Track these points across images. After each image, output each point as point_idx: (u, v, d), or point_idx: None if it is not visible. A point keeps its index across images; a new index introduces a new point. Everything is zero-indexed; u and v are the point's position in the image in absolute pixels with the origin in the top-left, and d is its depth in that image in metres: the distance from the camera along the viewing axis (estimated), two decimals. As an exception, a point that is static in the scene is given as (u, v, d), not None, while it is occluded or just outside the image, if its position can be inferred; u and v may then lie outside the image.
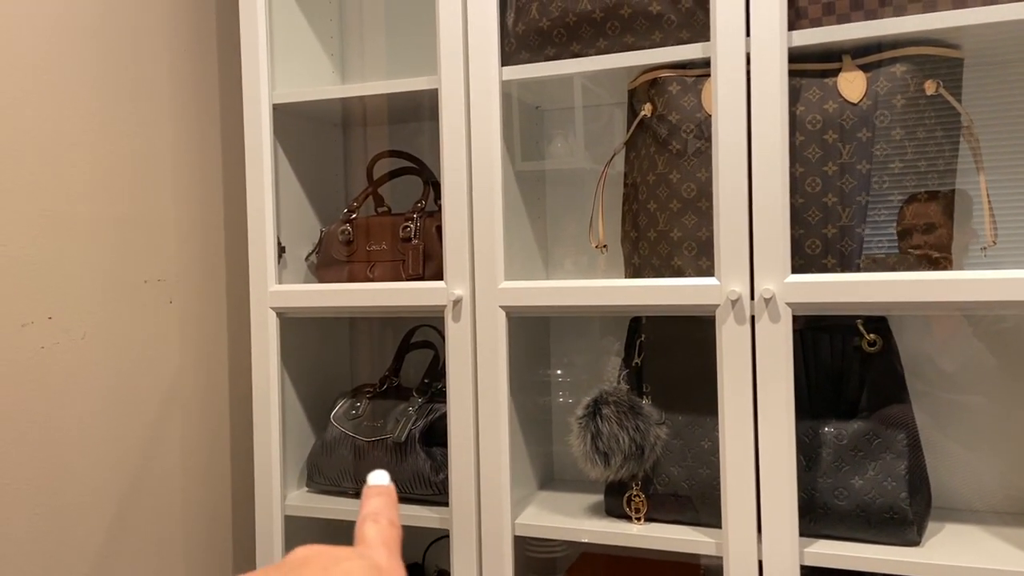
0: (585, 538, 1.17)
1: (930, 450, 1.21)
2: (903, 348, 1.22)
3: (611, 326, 1.42)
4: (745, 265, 1.05)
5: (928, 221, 1.09)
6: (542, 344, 1.43)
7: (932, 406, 1.22)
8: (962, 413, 1.20)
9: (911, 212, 1.07)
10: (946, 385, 1.21)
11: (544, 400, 1.42)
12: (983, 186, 1.05)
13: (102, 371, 1.24)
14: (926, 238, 1.10)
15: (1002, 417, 1.19)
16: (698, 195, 1.11)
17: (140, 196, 1.32)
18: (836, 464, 1.08)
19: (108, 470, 1.25)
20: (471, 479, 1.20)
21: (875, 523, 1.04)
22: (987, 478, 1.19)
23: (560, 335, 1.45)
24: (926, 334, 1.22)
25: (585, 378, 1.43)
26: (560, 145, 1.44)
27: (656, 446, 1.17)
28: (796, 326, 1.09)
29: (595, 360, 1.43)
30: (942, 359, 1.22)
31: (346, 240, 1.37)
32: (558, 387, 1.45)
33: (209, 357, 1.44)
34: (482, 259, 1.20)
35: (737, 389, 1.06)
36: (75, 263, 1.20)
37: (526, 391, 1.32)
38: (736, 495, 1.06)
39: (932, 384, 1.22)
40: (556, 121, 1.44)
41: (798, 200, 1.06)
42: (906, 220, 1.08)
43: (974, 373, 1.20)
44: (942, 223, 1.09)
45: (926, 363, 1.22)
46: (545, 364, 1.44)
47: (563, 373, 1.45)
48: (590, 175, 1.42)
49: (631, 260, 1.22)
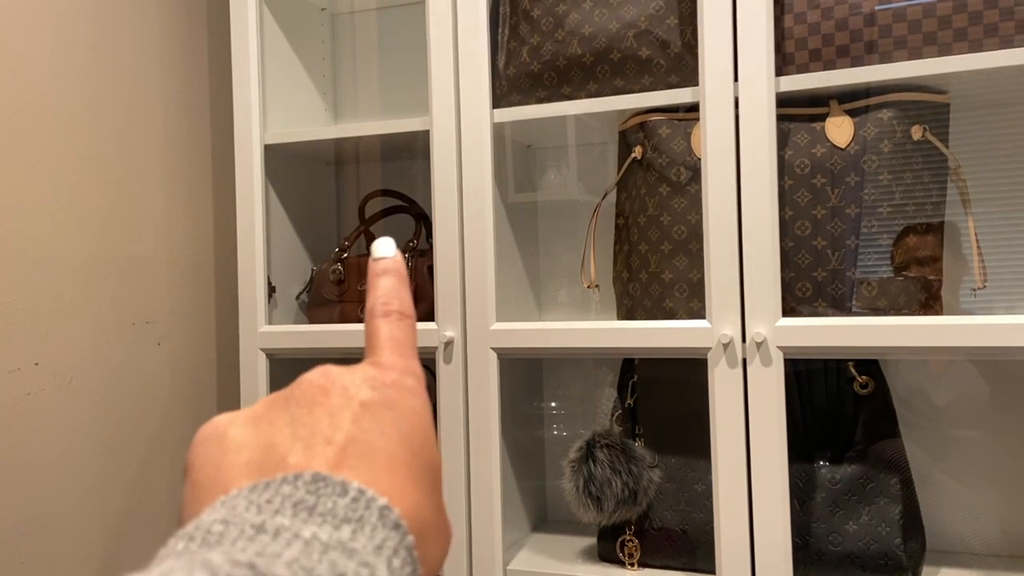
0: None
1: (926, 489, 1.20)
2: (897, 386, 1.22)
3: (605, 359, 1.42)
4: (736, 307, 1.05)
5: (925, 254, 1.09)
6: (535, 378, 1.42)
7: (927, 444, 1.21)
8: (958, 451, 1.20)
9: (907, 245, 1.08)
10: (942, 423, 1.21)
11: (537, 434, 1.41)
12: (972, 229, 1.06)
13: (90, 415, 1.23)
14: (923, 270, 1.10)
15: (999, 455, 1.18)
16: (689, 237, 1.11)
17: (129, 238, 1.31)
18: (830, 508, 1.07)
19: (95, 516, 1.24)
20: (462, 523, 1.19)
21: (869, 569, 1.03)
22: (984, 518, 1.19)
23: (553, 368, 1.44)
24: (921, 371, 1.22)
25: (579, 410, 1.42)
26: (553, 178, 1.45)
27: (649, 490, 1.16)
28: (791, 367, 1.09)
29: (588, 393, 1.42)
30: (937, 397, 1.21)
31: (337, 280, 1.37)
32: (551, 420, 1.44)
33: (198, 399, 1.43)
34: (473, 301, 1.19)
35: (730, 432, 1.05)
36: (62, 307, 1.20)
37: (519, 426, 1.31)
38: (730, 539, 1.05)
39: (927, 422, 1.21)
40: (548, 158, 1.44)
41: (788, 243, 1.06)
42: (902, 253, 1.08)
43: (970, 411, 1.20)
44: (938, 255, 1.09)
45: (921, 401, 1.22)
46: (538, 398, 1.43)
47: (557, 406, 1.44)
48: (583, 208, 1.42)
49: (623, 301, 1.22)
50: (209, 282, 1.47)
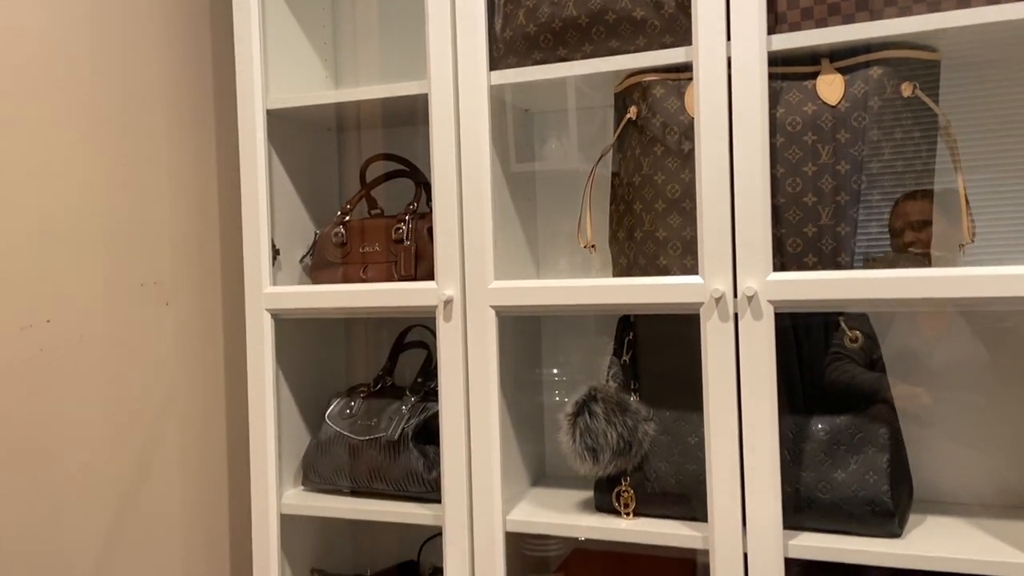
0: (575, 533, 1.19)
1: (915, 445, 1.23)
2: (888, 344, 1.24)
3: (604, 324, 1.44)
4: (728, 264, 1.08)
5: (921, 219, 1.11)
6: (534, 343, 1.45)
7: (919, 404, 1.24)
8: (947, 407, 1.23)
9: (902, 211, 1.10)
10: (931, 380, 1.23)
11: (536, 399, 1.44)
12: (960, 185, 1.07)
13: (101, 373, 1.27)
14: (919, 235, 1.12)
15: (987, 411, 1.21)
16: (682, 196, 1.14)
17: (135, 200, 1.34)
18: (819, 458, 1.10)
19: (107, 468, 1.28)
20: (463, 476, 1.22)
21: (857, 516, 1.06)
22: (973, 471, 1.21)
23: (552, 334, 1.47)
24: (911, 329, 1.24)
25: (578, 377, 1.45)
26: (552, 147, 1.47)
27: (644, 442, 1.19)
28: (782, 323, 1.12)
29: (587, 359, 1.45)
30: (926, 355, 1.24)
31: (340, 242, 1.40)
32: (550, 386, 1.47)
33: (205, 359, 1.47)
34: (472, 259, 1.22)
35: (721, 385, 1.08)
36: (72, 266, 1.23)
37: (518, 390, 1.34)
38: (722, 489, 1.08)
39: (917, 379, 1.24)
40: (547, 124, 1.46)
41: (779, 200, 1.08)
42: (898, 219, 1.10)
43: (958, 368, 1.22)
44: (931, 220, 1.11)
45: (910, 359, 1.24)
46: (537, 363, 1.46)
47: (555, 372, 1.47)
48: (581, 176, 1.44)
49: (619, 260, 1.24)
50: (214, 245, 1.50)
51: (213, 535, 1.47)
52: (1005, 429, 1.20)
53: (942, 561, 1.01)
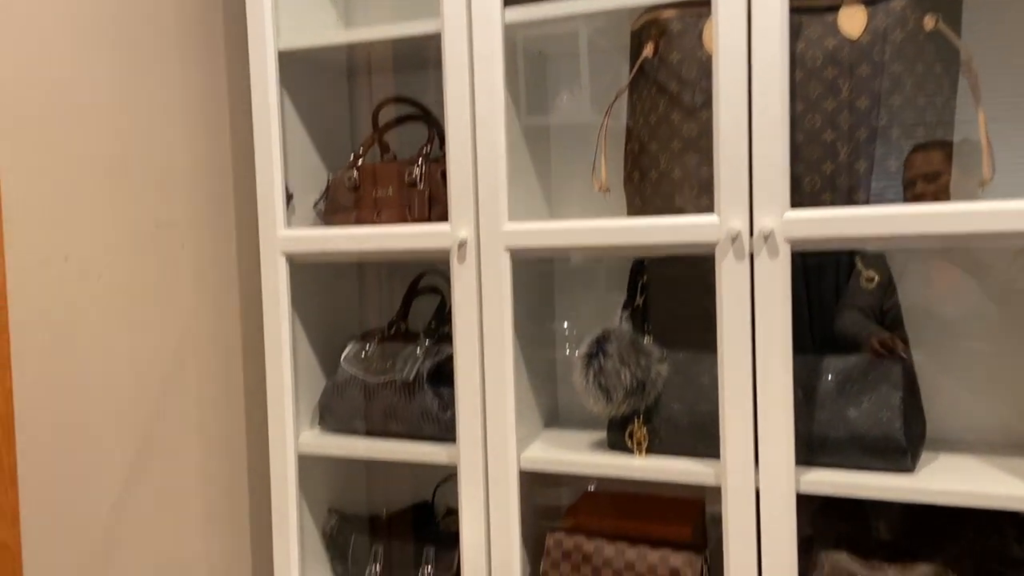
0: (588, 471, 1.21)
1: (927, 389, 1.23)
2: (902, 292, 1.24)
3: (615, 278, 1.44)
4: (745, 202, 1.07)
5: (933, 170, 1.10)
6: (547, 297, 1.45)
7: (930, 348, 1.24)
8: (959, 354, 1.23)
9: (914, 162, 1.09)
10: (943, 327, 1.23)
11: (548, 349, 1.45)
12: (981, 121, 1.06)
13: (119, 312, 1.28)
14: (929, 187, 1.12)
15: (998, 357, 1.21)
16: (699, 134, 1.13)
17: (149, 141, 1.34)
18: (832, 396, 1.10)
19: (126, 408, 1.30)
20: (477, 415, 1.24)
21: (870, 452, 1.07)
22: (983, 415, 1.22)
23: (565, 288, 1.47)
24: (924, 278, 1.24)
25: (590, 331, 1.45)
26: (565, 98, 1.45)
27: (657, 382, 1.20)
28: (798, 262, 1.11)
29: (599, 313, 1.45)
30: (940, 302, 1.23)
31: (353, 186, 1.39)
32: (563, 338, 1.48)
33: (221, 302, 1.48)
34: (486, 201, 1.22)
35: (736, 325, 1.08)
36: (88, 205, 1.23)
37: (531, 342, 1.35)
38: (734, 426, 1.09)
39: (930, 326, 1.24)
40: (561, 70, 1.44)
41: (798, 137, 1.07)
42: (910, 170, 1.10)
43: (971, 315, 1.22)
44: (945, 170, 1.10)
45: (924, 306, 1.24)
46: (550, 317, 1.47)
47: (568, 326, 1.48)
48: (594, 128, 1.43)
49: (633, 202, 1.24)
50: (228, 187, 1.50)
51: (231, 475, 1.50)
52: (1013, 375, 1.20)
53: (954, 495, 1.02)
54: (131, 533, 1.30)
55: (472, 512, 1.25)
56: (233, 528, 1.50)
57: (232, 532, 1.49)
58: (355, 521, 1.48)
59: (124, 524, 1.29)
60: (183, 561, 1.40)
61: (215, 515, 1.46)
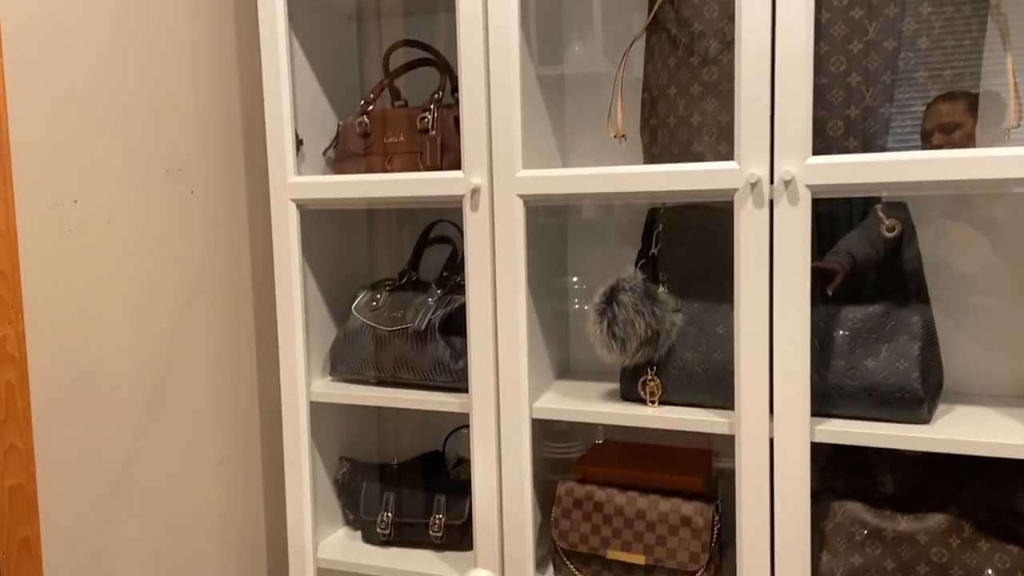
0: (601, 420, 1.21)
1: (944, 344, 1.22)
2: (924, 234, 1.22)
3: (627, 231, 1.42)
4: (765, 148, 1.05)
5: (951, 120, 1.08)
6: (559, 250, 1.44)
7: (946, 301, 1.22)
8: (975, 308, 1.21)
9: (933, 113, 1.06)
10: (961, 283, 1.22)
11: (560, 304, 1.44)
12: (1010, 66, 1.03)
13: (129, 257, 1.27)
14: (948, 138, 1.09)
15: (1014, 311, 1.19)
16: (719, 78, 1.10)
17: (157, 85, 1.32)
18: (850, 346, 1.09)
19: (138, 353, 1.29)
20: (490, 364, 1.23)
21: (886, 402, 1.06)
22: (998, 369, 1.21)
23: (577, 241, 1.46)
24: (941, 231, 1.22)
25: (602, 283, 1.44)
26: (578, 49, 1.42)
27: (671, 332, 1.19)
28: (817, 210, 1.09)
29: (611, 266, 1.44)
30: (957, 258, 1.21)
31: (363, 132, 1.37)
32: (575, 292, 1.47)
33: (231, 249, 1.47)
34: (500, 148, 1.20)
35: (754, 274, 1.07)
36: (97, 148, 1.21)
37: (543, 295, 1.33)
38: (750, 376, 1.08)
39: (946, 279, 1.22)
40: (574, 18, 1.41)
41: (821, 80, 1.05)
42: (929, 121, 1.07)
43: (989, 272, 1.20)
44: (964, 121, 1.08)
45: (941, 262, 1.22)
46: (562, 270, 1.45)
47: (579, 280, 1.46)
48: (608, 77, 1.40)
49: (650, 149, 1.21)
50: (237, 134, 1.47)
51: (243, 422, 1.50)
52: None
53: (970, 445, 1.01)
54: (144, 478, 1.31)
55: (484, 461, 1.25)
56: (246, 475, 1.51)
57: (244, 479, 1.50)
58: (366, 469, 1.49)
59: (137, 469, 1.30)
60: (196, 506, 1.41)
61: (227, 462, 1.47)
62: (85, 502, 1.21)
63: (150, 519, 1.32)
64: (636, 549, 1.21)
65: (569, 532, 1.26)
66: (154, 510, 1.33)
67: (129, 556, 1.28)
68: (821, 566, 1.10)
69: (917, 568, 1.05)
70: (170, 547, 1.36)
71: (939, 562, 1.04)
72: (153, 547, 1.33)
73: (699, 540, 1.18)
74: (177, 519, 1.37)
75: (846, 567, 1.08)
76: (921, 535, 1.05)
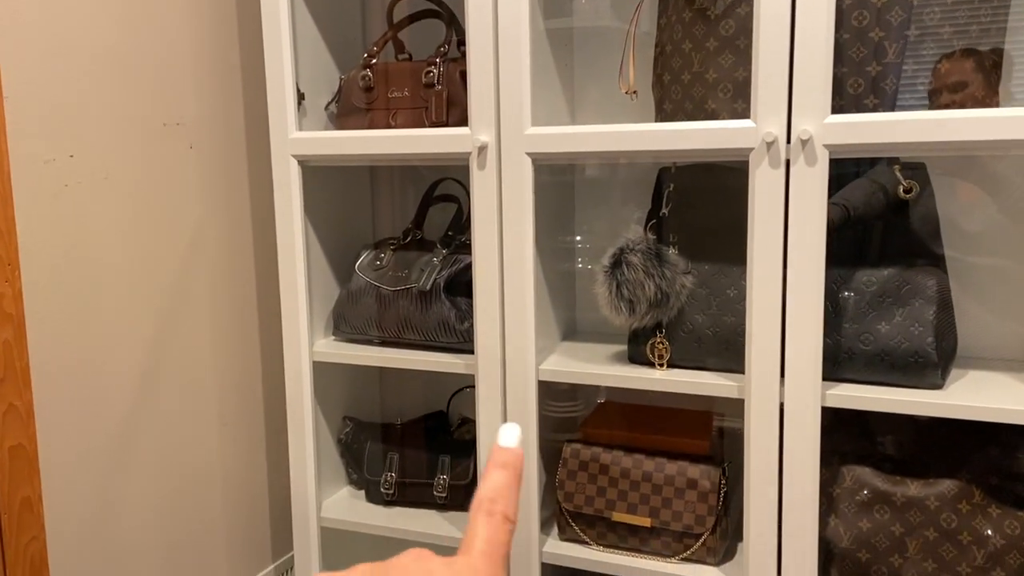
0: (609, 383, 1.19)
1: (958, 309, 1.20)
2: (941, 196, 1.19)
3: (636, 192, 1.40)
4: (783, 106, 1.02)
5: (959, 79, 1.04)
6: (567, 210, 1.41)
7: (958, 265, 1.20)
8: (988, 272, 1.19)
9: (940, 72, 1.03)
10: (973, 245, 1.19)
11: (567, 265, 1.42)
12: (1040, 22, 0.99)
13: (127, 213, 1.24)
14: (954, 97, 1.06)
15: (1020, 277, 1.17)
16: (736, 32, 1.06)
17: (153, 35, 1.27)
18: (863, 310, 1.08)
19: (137, 312, 1.27)
20: (496, 325, 1.21)
21: (899, 367, 1.05)
22: (1010, 334, 1.19)
23: (584, 201, 1.43)
24: (952, 196, 1.19)
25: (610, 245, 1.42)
26: (587, 1, 1.37)
27: (681, 294, 1.17)
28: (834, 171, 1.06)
29: (619, 227, 1.41)
30: (969, 220, 1.19)
31: (366, 87, 1.33)
32: (582, 253, 1.44)
33: (232, 205, 1.44)
34: (508, 104, 1.16)
35: (768, 235, 1.04)
36: (93, 101, 1.18)
37: (550, 255, 1.31)
38: (761, 339, 1.06)
39: (959, 245, 1.20)
40: (585, -39, 1.36)
41: (843, 36, 1.01)
42: (936, 80, 1.04)
43: (1000, 234, 1.18)
44: (972, 80, 1.04)
45: (952, 224, 1.20)
46: (569, 230, 1.43)
47: (585, 240, 1.44)
48: (618, 32, 1.35)
49: (663, 106, 1.18)
50: (237, 87, 1.43)
51: (246, 381, 1.49)
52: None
53: (984, 411, 1.00)
54: (146, 438, 1.30)
55: (489, 422, 1.24)
56: (249, 435, 1.50)
57: (248, 438, 1.50)
58: (370, 429, 1.48)
59: (139, 429, 1.29)
60: (198, 467, 1.40)
61: (230, 420, 1.46)
62: (86, 462, 1.20)
63: (152, 479, 1.31)
64: (642, 512, 1.21)
65: (574, 494, 1.25)
66: (156, 470, 1.32)
67: (131, 516, 1.28)
68: (829, 530, 1.09)
69: (926, 533, 1.04)
70: (173, 507, 1.35)
71: (948, 527, 1.03)
72: (155, 507, 1.32)
73: (705, 503, 1.18)
74: (179, 480, 1.37)
75: (854, 531, 1.08)
76: (931, 500, 1.05)
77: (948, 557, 1.03)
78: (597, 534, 1.25)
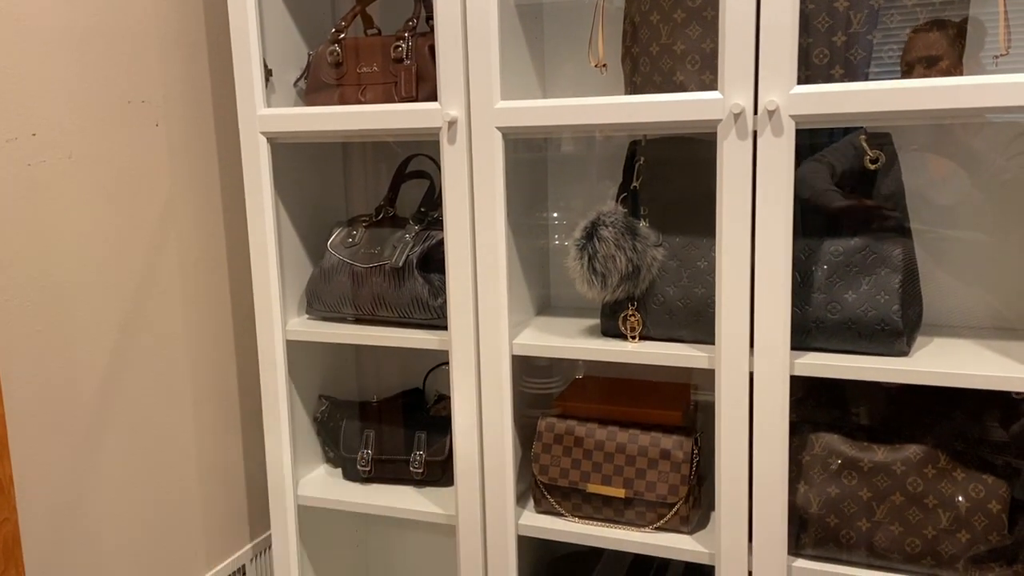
0: (582, 356, 1.20)
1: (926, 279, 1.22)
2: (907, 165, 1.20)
3: (608, 166, 1.40)
4: (750, 77, 1.02)
5: (931, 54, 1.05)
6: (539, 185, 1.41)
7: (925, 235, 1.22)
8: (953, 241, 1.21)
9: (912, 45, 1.03)
10: (939, 216, 1.21)
11: (540, 240, 1.42)
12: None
13: (93, 192, 1.23)
14: (927, 72, 1.06)
15: (990, 245, 1.19)
16: (703, 4, 1.06)
17: (115, 8, 1.25)
18: (830, 280, 1.09)
19: (107, 291, 1.26)
20: (469, 300, 1.21)
21: (866, 335, 1.06)
22: (974, 302, 1.21)
23: (557, 176, 1.43)
24: (920, 166, 1.20)
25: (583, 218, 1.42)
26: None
27: (652, 267, 1.18)
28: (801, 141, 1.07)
29: (592, 202, 1.41)
30: (936, 190, 1.20)
31: (335, 62, 1.32)
32: (555, 228, 1.44)
33: (201, 184, 1.42)
34: (477, 78, 1.16)
35: (737, 206, 1.05)
36: (56, 78, 1.16)
37: (523, 231, 1.31)
38: (731, 310, 1.07)
39: (925, 215, 1.21)
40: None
41: (808, 6, 1.01)
42: (909, 53, 1.04)
43: (967, 204, 1.19)
44: (946, 55, 1.05)
45: (919, 194, 1.21)
46: (542, 206, 1.42)
47: (560, 216, 1.44)
48: (588, 6, 1.35)
49: (632, 78, 1.18)
50: (203, 63, 1.41)
51: (220, 360, 1.48)
52: (1004, 263, 1.18)
53: (947, 376, 1.01)
54: (119, 417, 1.29)
55: (464, 397, 1.25)
56: (224, 414, 1.49)
57: (223, 418, 1.49)
58: (346, 407, 1.48)
59: (112, 409, 1.28)
60: (173, 444, 1.40)
61: (205, 400, 1.45)
62: (59, 443, 1.19)
63: (127, 459, 1.31)
64: (616, 483, 1.22)
65: (549, 467, 1.26)
66: (130, 450, 1.32)
67: (106, 496, 1.28)
68: (798, 496, 1.11)
69: (892, 498, 1.06)
70: (148, 488, 1.35)
71: (914, 491, 1.05)
72: (130, 487, 1.32)
73: (678, 473, 1.19)
74: (155, 460, 1.36)
75: (823, 497, 1.10)
76: (897, 465, 1.06)
77: (914, 520, 1.05)
78: (572, 506, 1.26)
